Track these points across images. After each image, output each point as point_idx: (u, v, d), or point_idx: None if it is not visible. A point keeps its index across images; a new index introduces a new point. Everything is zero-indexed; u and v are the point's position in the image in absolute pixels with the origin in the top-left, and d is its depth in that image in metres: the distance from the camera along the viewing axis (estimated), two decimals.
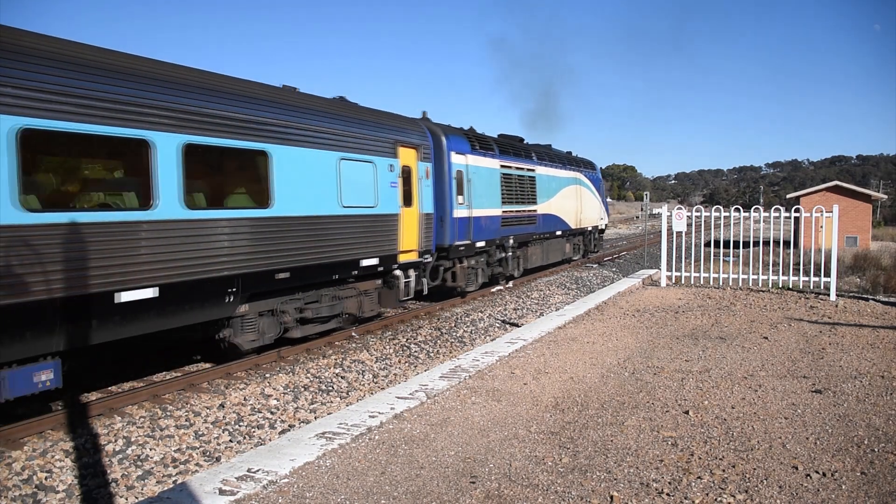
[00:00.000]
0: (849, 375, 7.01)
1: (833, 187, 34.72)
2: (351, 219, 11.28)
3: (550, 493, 4.24)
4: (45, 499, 6.02)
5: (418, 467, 4.68)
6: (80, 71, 7.15)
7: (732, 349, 8.32)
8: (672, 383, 6.78)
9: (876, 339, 8.93)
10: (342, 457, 4.86)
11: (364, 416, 5.72)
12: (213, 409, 8.31)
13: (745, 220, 41.25)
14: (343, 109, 11.69)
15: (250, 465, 4.65)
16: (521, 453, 4.92)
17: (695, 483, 4.37)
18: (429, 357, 11.72)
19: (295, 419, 8.38)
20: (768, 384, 6.70)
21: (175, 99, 8.19)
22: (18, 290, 6.42)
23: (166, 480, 6.55)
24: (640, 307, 11.74)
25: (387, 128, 12.65)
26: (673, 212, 15.20)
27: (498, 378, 7.07)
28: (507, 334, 9.53)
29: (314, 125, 10.47)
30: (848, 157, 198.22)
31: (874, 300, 12.52)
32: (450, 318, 14.46)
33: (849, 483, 4.35)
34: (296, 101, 10.44)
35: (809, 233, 18.66)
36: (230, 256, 8.84)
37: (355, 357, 11.02)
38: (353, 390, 9.69)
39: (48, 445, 6.89)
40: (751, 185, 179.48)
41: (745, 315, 10.80)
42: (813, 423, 5.50)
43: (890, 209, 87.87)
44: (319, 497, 4.19)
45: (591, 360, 7.86)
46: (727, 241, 30.01)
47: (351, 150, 11.35)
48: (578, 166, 25.76)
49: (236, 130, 8.97)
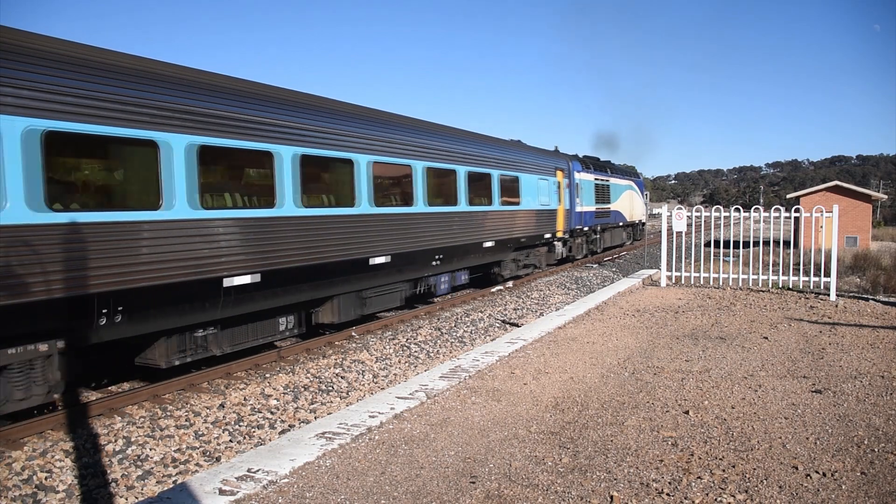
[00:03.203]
0: (849, 375, 7.01)
1: (833, 187, 34.64)
2: (544, 211, 20.63)
3: (550, 493, 4.24)
4: (45, 499, 6.02)
5: (418, 467, 4.67)
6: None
7: (732, 349, 8.32)
8: (672, 383, 6.78)
9: (876, 339, 8.92)
10: (342, 457, 4.86)
11: (364, 416, 5.72)
12: (213, 409, 8.31)
13: (745, 220, 41.37)
14: (538, 151, 21.79)
15: (250, 465, 4.64)
16: (521, 453, 4.92)
17: (695, 483, 4.37)
18: (429, 357, 11.71)
19: (295, 419, 8.38)
20: (768, 384, 6.70)
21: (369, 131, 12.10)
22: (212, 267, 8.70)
23: (166, 480, 6.55)
24: (640, 307, 11.74)
25: (552, 159, 22.31)
26: (673, 212, 15.20)
27: (498, 378, 7.07)
28: (507, 334, 9.53)
29: (531, 161, 19.96)
30: (848, 157, 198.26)
31: (874, 300, 12.52)
32: (450, 318, 14.46)
33: (849, 483, 4.35)
34: (523, 149, 20.27)
35: (809, 233, 18.66)
36: (510, 230, 17.97)
37: (355, 357, 11.02)
38: (353, 390, 9.69)
39: (48, 445, 6.88)
40: (751, 185, 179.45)
41: (745, 315, 10.80)
42: (813, 423, 5.50)
43: (890, 209, 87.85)
44: (319, 497, 4.19)
45: (591, 360, 7.85)
46: (727, 241, 29.99)
47: (542, 173, 20.64)
48: (630, 175, 35.91)
49: (506, 168, 17.75)
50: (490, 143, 17.45)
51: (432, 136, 14.14)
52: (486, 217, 16.32)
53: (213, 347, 9.26)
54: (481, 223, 16.10)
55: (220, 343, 9.37)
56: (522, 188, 18.70)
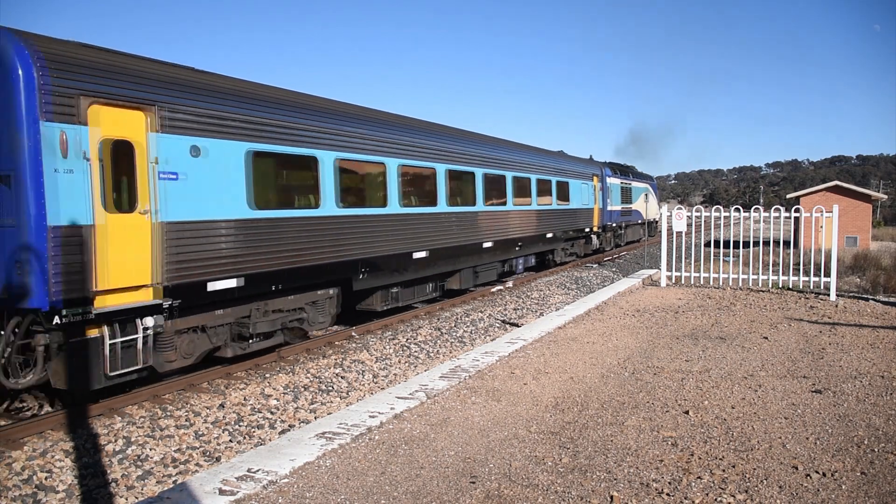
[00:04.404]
0: (849, 375, 7.01)
1: (833, 187, 34.60)
2: (585, 210, 25.30)
3: (550, 493, 4.24)
4: (45, 499, 6.02)
5: (418, 467, 4.67)
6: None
7: (732, 349, 8.32)
8: (672, 383, 6.78)
9: (876, 339, 8.92)
10: (342, 457, 4.86)
11: (364, 416, 5.72)
12: (213, 409, 8.30)
13: (745, 220, 41.44)
14: (579, 160, 26.81)
15: (250, 465, 4.64)
16: (521, 453, 4.92)
17: (695, 483, 4.37)
18: (429, 357, 11.71)
19: (295, 419, 8.38)
20: (768, 384, 6.70)
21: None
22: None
23: (166, 480, 6.55)
24: (640, 307, 11.74)
25: (590, 166, 27.15)
26: (673, 212, 15.20)
27: (498, 378, 7.07)
28: (507, 334, 9.53)
29: (576, 169, 24.74)
30: (848, 157, 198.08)
31: (874, 300, 12.52)
32: (450, 318, 14.46)
33: (849, 483, 4.35)
34: (570, 160, 25.24)
35: (809, 233, 18.65)
36: (563, 224, 22.60)
37: (355, 357, 11.02)
38: (353, 390, 9.69)
39: (48, 445, 6.88)
40: (751, 185, 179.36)
41: (745, 315, 10.80)
42: (813, 423, 5.50)
43: (890, 209, 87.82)
44: (319, 497, 4.19)
45: (591, 360, 7.85)
46: (727, 241, 29.98)
47: (583, 178, 25.27)
48: (647, 179, 40.35)
49: (560, 175, 22.44)
50: (549, 156, 22.72)
51: (520, 154, 19.47)
52: (549, 214, 21.29)
53: (400, 300, 13.87)
54: (545, 219, 20.94)
55: (401, 298, 13.90)
56: (571, 191, 23.45)
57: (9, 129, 6.72)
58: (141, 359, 7.87)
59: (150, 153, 7.84)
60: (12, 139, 6.71)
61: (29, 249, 6.76)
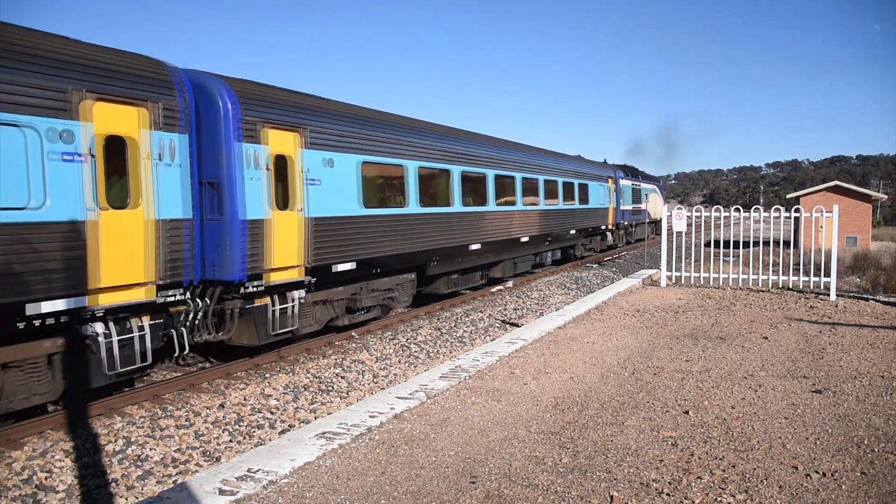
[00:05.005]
0: (849, 375, 7.01)
1: (833, 187, 34.58)
2: (601, 209, 27.63)
3: (550, 493, 4.24)
4: (45, 499, 6.02)
5: (418, 467, 4.67)
6: None
7: (732, 349, 8.32)
8: (672, 383, 6.78)
9: (876, 339, 8.92)
10: (342, 457, 4.86)
11: (364, 416, 5.72)
12: (213, 409, 8.30)
13: (745, 220, 41.50)
14: (596, 164, 29.14)
15: (250, 465, 4.64)
16: (521, 453, 4.92)
17: (695, 483, 4.37)
18: (429, 357, 11.71)
19: (295, 419, 8.38)
20: (768, 384, 6.70)
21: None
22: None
23: (166, 480, 6.55)
24: (640, 307, 11.74)
25: (605, 169, 29.61)
26: (673, 212, 15.19)
27: (498, 378, 7.07)
28: (507, 334, 9.53)
29: (594, 172, 26.93)
30: (848, 157, 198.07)
31: (874, 300, 12.52)
32: (450, 318, 14.46)
33: (849, 483, 4.35)
34: (589, 164, 27.50)
35: (809, 233, 18.66)
36: (584, 222, 24.92)
37: (355, 357, 11.02)
38: (353, 390, 9.69)
39: (48, 445, 6.89)
40: (751, 185, 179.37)
41: (745, 315, 10.80)
42: (813, 423, 5.50)
43: (890, 209, 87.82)
44: (319, 497, 4.19)
45: (591, 360, 7.85)
46: (727, 241, 29.99)
47: (600, 181, 27.52)
48: (653, 180, 43.35)
49: (581, 178, 24.85)
50: (572, 161, 25.06)
51: (548, 160, 21.81)
52: (573, 213, 23.62)
53: (459, 286, 16.32)
54: (570, 217, 23.24)
55: (459, 283, 16.34)
56: (590, 192, 25.88)
57: (217, 148, 8.88)
58: (290, 322, 10.06)
59: (301, 164, 10.03)
60: (219, 156, 8.88)
61: (229, 236, 8.90)
